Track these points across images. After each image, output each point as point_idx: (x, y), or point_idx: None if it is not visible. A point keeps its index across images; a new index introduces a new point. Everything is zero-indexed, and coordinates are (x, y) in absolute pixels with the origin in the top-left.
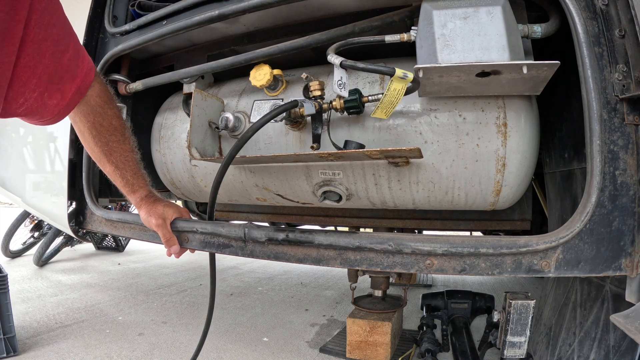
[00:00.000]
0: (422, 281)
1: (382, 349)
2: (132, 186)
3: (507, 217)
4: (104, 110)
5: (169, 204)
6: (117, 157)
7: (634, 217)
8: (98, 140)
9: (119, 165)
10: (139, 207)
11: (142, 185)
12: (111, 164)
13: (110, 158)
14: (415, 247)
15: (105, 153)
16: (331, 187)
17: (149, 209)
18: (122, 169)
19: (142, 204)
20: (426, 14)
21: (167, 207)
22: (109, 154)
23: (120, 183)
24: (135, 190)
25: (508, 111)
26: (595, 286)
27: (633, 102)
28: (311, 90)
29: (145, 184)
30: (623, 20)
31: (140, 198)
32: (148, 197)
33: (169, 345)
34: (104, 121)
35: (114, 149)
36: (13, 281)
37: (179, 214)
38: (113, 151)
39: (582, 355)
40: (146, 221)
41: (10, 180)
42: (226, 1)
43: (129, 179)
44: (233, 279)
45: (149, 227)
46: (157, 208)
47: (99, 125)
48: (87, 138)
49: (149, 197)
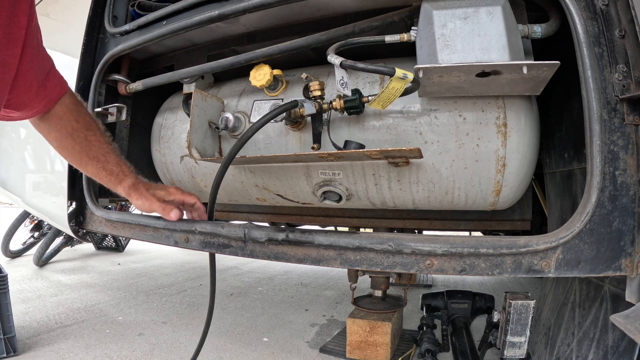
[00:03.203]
0: (422, 281)
1: (382, 349)
2: (117, 176)
3: (507, 217)
4: (78, 108)
5: (158, 185)
6: (97, 151)
7: (634, 217)
8: (77, 137)
9: (99, 158)
10: (129, 196)
11: (127, 174)
12: (92, 159)
13: (90, 153)
14: (415, 248)
15: (85, 149)
16: (331, 187)
17: (139, 194)
18: (103, 161)
19: (131, 192)
20: (426, 14)
21: (157, 189)
22: (88, 149)
23: (105, 177)
24: (121, 180)
25: (508, 111)
26: (594, 286)
27: (633, 102)
28: (311, 90)
29: (129, 171)
30: (623, 20)
31: (128, 187)
32: (136, 184)
33: (169, 345)
34: (79, 117)
35: (92, 142)
36: (13, 281)
37: (168, 193)
38: (92, 145)
39: (580, 355)
40: (141, 207)
41: (11, 180)
42: (226, 1)
43: (113, 169)
44: (233, 279)
45: (145, 211)
46: (148, 191)
47: (75, 123)
48: (65, 139)
49: (136, 184)
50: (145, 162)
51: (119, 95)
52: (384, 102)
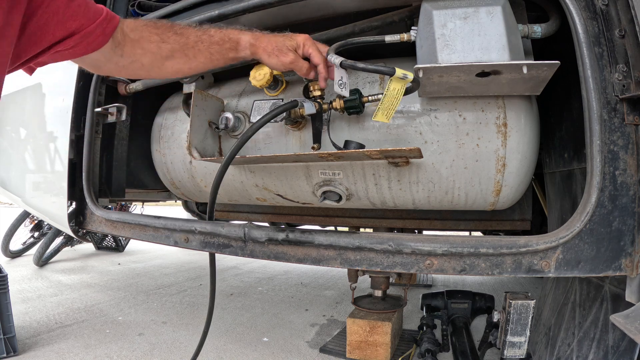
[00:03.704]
0: (422, 281)
1: (382, 349)
2: (229, 42)
3: (507, 217)
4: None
5: (282, 35)
6: (195, 33)
7: (634, 217)
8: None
9: (202, 37)
10: (254, 53)
11: (237, 33)
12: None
13: (188, 41)
14: (415, 247)
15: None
16: (331, 187)
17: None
18: (205, 40)
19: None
20: (426, 14)
21: (284, 37)
22: (186, 38)
23: (217, 52)
24: (238, 41)
25: (508, 111)
26: (595, 286)
27: (633, 102)
28: (311, 90)
29: (239, 30)
30: (623, 20)
31: (249, 44)
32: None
33: (169, 345)
34: (157, 23)
35: (185, 32)
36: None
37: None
38: (188, 33)
39: (580, 355)
40: (275, 64)
41: (10, 180)
42: (226, 1)
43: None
44: (233, 279)
45: (281, 68)
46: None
47: (153, 28)
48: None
49: (254, 37)
50: (145, 162)
51: (119, 95)
52: (388, 110)
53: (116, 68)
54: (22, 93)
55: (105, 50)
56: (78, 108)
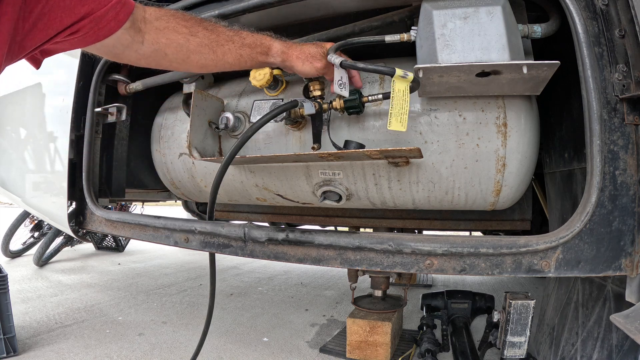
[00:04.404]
0: (422, 281)
1: (382, 349)
2: (261, 46)
3: (507, 217)
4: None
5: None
6: (226, 32)
7: (634, 217)
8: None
9: (234, 38)
10: (286, 60)
11: (269, 39)
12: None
13: (219, 39)
14: (415, 247)
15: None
16: (331, 187)
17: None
18: (237, 41)
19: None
20: (426, 14)
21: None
22: (216, 35)
23: (247, 55)
24: (270, 47)
25: (508, 111)
26: (597, 286)
27: (633, 102)
28: (311, 90)
29: (271, 37)
30: (623, 20)
31: (281, 51)
32: (285, 46)
33: (169, 345)
34: (186, 16)
35: (215, 29)
36: (13, 281)
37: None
38: (217, 31)
39: (585, 355)
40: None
41: (10, 180)
42: (226, 1)
43: (255, 41)
44: (233, 279)
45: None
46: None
47: (181, 20)
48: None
49: (285, 45)
50: (145, 162)
51: (119, 95)
52: (400, 115)
53: (136, 56)
54: (22, 93)
55: (122, 37)
56: (78, 108)
